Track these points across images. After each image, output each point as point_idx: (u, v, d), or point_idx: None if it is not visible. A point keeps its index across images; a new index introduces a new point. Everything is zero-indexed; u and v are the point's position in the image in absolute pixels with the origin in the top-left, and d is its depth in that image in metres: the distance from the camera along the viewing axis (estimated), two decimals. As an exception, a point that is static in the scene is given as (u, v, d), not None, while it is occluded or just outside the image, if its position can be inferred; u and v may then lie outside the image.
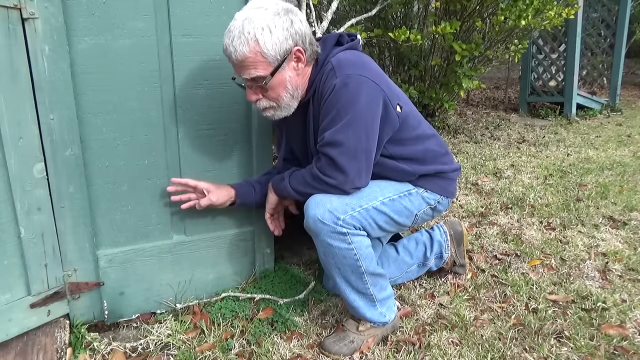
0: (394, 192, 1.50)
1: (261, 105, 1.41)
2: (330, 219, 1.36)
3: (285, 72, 1.35)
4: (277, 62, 1.32)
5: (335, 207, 1.37)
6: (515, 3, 3.28)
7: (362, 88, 1.33)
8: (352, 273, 1.44)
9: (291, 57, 1.34)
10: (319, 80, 1.40)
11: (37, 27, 1.26)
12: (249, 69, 1.31)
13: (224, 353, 1.47)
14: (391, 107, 1.40)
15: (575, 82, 5.09)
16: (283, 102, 1.40)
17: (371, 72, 1.38)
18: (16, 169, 1.30)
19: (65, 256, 1.45)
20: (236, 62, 1.32)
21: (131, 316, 1.63)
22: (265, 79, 1.33)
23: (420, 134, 1.52)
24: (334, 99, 1.34)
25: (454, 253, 1.85)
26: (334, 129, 1.34)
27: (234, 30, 1.28)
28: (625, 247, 2.15)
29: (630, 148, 3.91)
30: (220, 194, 1.56)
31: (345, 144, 1.33)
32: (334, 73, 1.35)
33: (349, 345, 1.47)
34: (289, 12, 1.32)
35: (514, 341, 1.52)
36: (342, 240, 1.38)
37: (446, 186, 1.61)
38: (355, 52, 1.45)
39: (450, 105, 3.76)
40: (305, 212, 1.40)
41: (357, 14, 3.38)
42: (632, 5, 6.07)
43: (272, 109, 1.41)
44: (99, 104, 1.42)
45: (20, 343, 1.39)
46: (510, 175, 3.21)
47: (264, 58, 1.30)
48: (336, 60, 1.38)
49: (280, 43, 1.30)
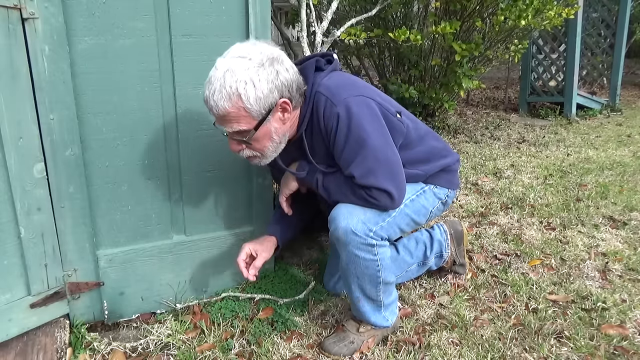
0: (411, 193, 1.52)
1: (245, 155, 1.35)
2: (362, 231, 1.35)
3: (271, 124, 1.28)
4: (261, 116, 1.25)
5: (369, 218, 1.37)
6: (515, 3, 3.28)
7: (364, 108, 1.32)
8: (369, 282, 1.44)
9: (276, 109, 1.27)
10: (313, 113, 1.36)
11: (37, 27, 1.26)
12: (231, 123, 1.25)
13: (224, 353, 1.47)
14: (391, 116, 1.41)
15: (575, 82, 5.09)
16: (268, 151, 1.34)
17: (362, 89, 1.37)
18: (16, 169, 1.30)
19: (65, 256, 1.45)
20: (217, 116, 1.25)
21: (131, 316, 1.63)
22: (248, 133, 1.27)
23: (420, 133, 1.55)
24: (343, 129, 1.31)
25: (454, 252, 1.85)
26: (359, 159, 1.32)
27: (214, 83, 1.20)
28: (625, 247, 2.15)
29: (630, 148, 3.91)
30: (267, 248, 1.55)
31: (378, 170, 1.32)
32: (330, 103, 1.31)
33: (348, 346, 1.47)
34: (274, 62, 1.24)
35: (514, 341, 1.52)
36: (369, 252, 1.38)
37: (451, 178, 1.65)
38: (338, 73, 1.42)
39: (450, 105, 3.76)
40: (334, 222, 1.37)
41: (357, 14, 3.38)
42: (632, 5, 6.07)
43: (256, 158, 1.36)
44: (99, 104, 1.42)
45: (20, 343, 1.39)
46: (510, 175, 3.21)
47: (247, 112, 1.23)
48: (326, 89, 1.34)
49: (264, 97, 1.22)
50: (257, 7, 1.53)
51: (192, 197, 1.64)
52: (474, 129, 4.69)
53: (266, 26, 1.56)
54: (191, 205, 1.64)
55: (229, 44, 1.54)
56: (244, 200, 1.73)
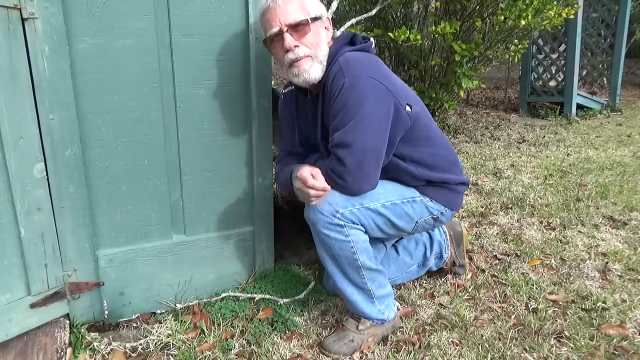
0: (397, 197, 1.51)
1: (299, 53, 1.38)
2: (328, 211, 1.38)
3: (321, 29, 1.43)
4: (315, 15, 1.40)
5: (337, 201, 1.39)
6: (515, 3, 3.27)
7: (370, 89, 1.35)
8: (349, 266, 1.45)
9: (324, 21, 1.44)
10: (328, 78, 1.41)
11: (37, 27, 1.26)
12: (290, 14, 1.37)
13: (224, 353, 1.47)
14: (401, 108, 1.41)
15: (575, 82, 5.09)
16: (320, 53, 1.41)
17: (379, 73, 1.39)
18: (16, 169, 1.30)
19: (65, 256, 1.45)
20: (278, 7, 1.36)
21: (131, 316, 1.63)
22: (306, 23, 1.38)
23: (431, 135, 1.54)
24: (342, 99, 1.35)
25: (453, 253, 1.85)
26: (343, 130, 1.35)
27: None
28: (625, 247, 2.15)
29: (630, 148, 3.91)
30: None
31: (353, 146, 1.34)
32: (341, 73, 1.36)
33: (348, 345, 1.47)
34: None
35: (514, 341, 1.52)
36: (338, 232, 1.40)
37: (452, 198, 1.61)
38: (365, 54, 1.45)
39: (450, 105, 3.76)
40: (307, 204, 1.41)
41: (357, 14, 3.38)
42: (632, 5, 6.07)
43: (309, 58, 1.39)
44: (99, 104, 1.42)
45: (20, 343, 1.39)
46: (510, 175, 3.21)
47: (305, 6, 1.39)
48: (344, 60, 1.39)
49: (317, 4, 1.43)
50: (257, 7, 1.53)
51: (192, 197, 1.64)
52: (474, 129, 4.69)
53: (266, 26, 1.56)
54: (191, 205, 1.64)
55: (229, 44, 1.55)
56: (244, 200, 1.73)
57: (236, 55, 1.57)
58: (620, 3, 5.52)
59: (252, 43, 1.56)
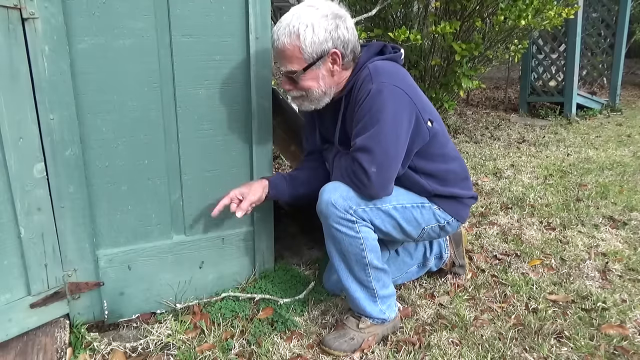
0: (407, 201, 1.52)
1: (292, 95, 1.48)
2: (342, 206, 1.39)
3: (319, 71, 1.41)
4: (312, 59, 1.38)
5: (352, 196, 1.41)
6: (515, 3, 3.27)
7: (395, 98, 1.37)
8: (356, 263, 1.45)
9: (327, 58, 1.40)
10: (355, 83, 1.45)
11: (37, 27, 1.26)
12: (284, 62, 1.40)
13: (224, 353, 1.47)
14: (422, 121, 1.44)
15: (575, 82, 5.09)
16: (312, 95, 1.45)
17: (405, 84, 1.42)
18: (16, 169, 1.30)
19: (65, 256, 1.45)
20: (277, 50, 1.40)
21: (131, 316, 1.63)
22: (296, 72, 1.40)
23: (446, 153, 1.56)
24: (367, 104, 1.37)
25: (453, 254, 1.85)
26: (366, 135, 1.37)
27: (283, 22, 1.37)
28: (625, 247, 2.15)
29: (630, 148, 3.91)
30: (254, 189, 1.54)
31: (374, 152, 1.36)
32: (370, 78, 1.39)
33: (349, 342, 1.47)
34: (337, 17, 1.39)
35: (514, 341, 1.52)
36: (349, 228, 1.41)
37: (460, 210, 1.62)
38: (394, 64, 1.48)
39: (450, 105, 3.76)
40: (320, 196, 1.43)
41: (357, 14, 3.38)
42: (632, 5, 6.07)
43: (300, 98, 1.47)
44: (99, 104, 1.42)
45: (20, 343, 1.39)
46: (510, 175, 3.21)
47: (301, 54, 1.37)
48: (374, 67, 1.42)
49: (319, 43, 1.36)
50: (257, 7, 1.53)
51: (192, 197, 1.64)
52: (474, 129, 4.69)
53: (266, 26, 1.56)
54: (191, 205, 1.64)
55: (229, 44, 1.55)
56: (244, 200, 1.73)
57: (236, 56, 1.57)
58: (620, 3, 5.52)
59: (252, 43, 1.56)
